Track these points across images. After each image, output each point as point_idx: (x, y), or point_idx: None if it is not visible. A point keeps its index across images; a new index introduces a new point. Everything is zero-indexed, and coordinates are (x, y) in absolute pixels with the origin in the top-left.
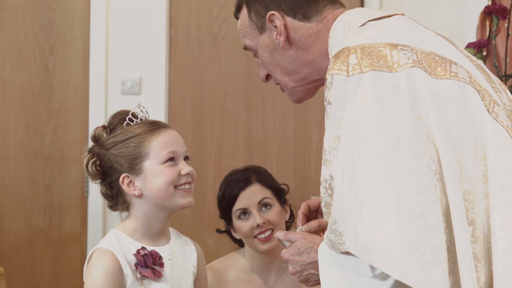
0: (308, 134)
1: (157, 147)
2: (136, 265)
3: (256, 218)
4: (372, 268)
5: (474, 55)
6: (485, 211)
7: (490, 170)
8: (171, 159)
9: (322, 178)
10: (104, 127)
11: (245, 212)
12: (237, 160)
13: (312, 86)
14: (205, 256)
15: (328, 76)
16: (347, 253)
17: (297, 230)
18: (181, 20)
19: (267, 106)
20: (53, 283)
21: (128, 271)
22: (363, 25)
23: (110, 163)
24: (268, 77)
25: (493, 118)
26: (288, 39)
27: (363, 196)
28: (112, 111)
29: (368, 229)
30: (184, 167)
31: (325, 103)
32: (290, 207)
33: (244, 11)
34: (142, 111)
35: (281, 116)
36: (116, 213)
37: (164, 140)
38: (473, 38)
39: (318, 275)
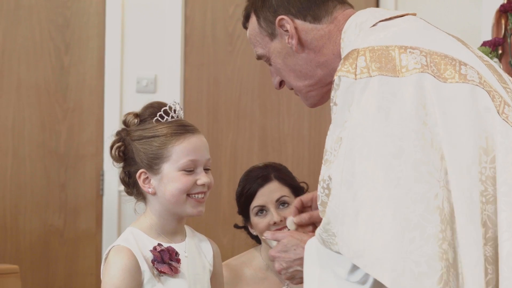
0: (323, 133)
1: (179, 153)
2: (153, 261)
3: (273, 215)
4: (350, 273)
5: (490, 53)
6: (494, 214)
7: (498, 171)
8: (190, 167)
9: (320, 177)
10: (136, 115)
11: (262, 209)
12: (252, 159)
13: (326, 90)
14: (220, 255)
15: (336, 77)
16: (334, 253)
17: (288, 221)
18: (196, 19)
19: (282, 104)
20: (68, 281)
21: (145, 268)
22: (374, 25)
23: (133, 154)
24: (281, 83)
25: (503, 119)
26: (300, 42)
27: (360, 201)
28: (127, 109)
29: (363, 235)
30: (202, 177)
31: (331, 104)
32: None
33: (253, 20)
34: (176, 108)
35: (296, 115)
36: (131, 212)
37: (188, 147)
38: (488, 37)
39: (301, 271)
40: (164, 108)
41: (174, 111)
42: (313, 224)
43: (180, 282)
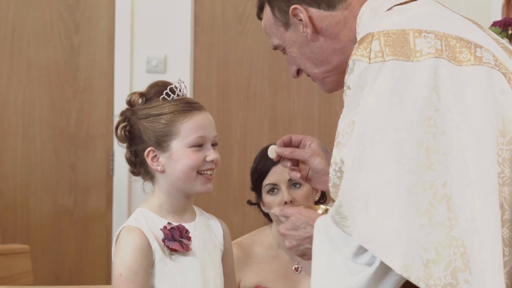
0: (334, 113)
1: (187, 129)
2: (164, 239)
3: (284, 195)
4: (355, 256)
5: (500, 33)
6: (510, 195)
7: None
8: (199, 143)
9: (332, 160)
10: (141, 94)
11: (274, 187)
12: (262, 139)
13: (343, 75)
14: (231, 235)
15: (350, 61)
16: (343, 234)
17: (269, 149)
18: None
19: (292, 84)
20: (78, 261)
21: (156, 247)
22: (389, 9)
23: (139, 133)
24: (299, 72)
25: None
26: (315, 30)
27: (371, 186)
28: (137, 89)
29: (373, 219)
30: (210, 154)
31: (344, 87)
32: None
33: (267, 10)
34: (181, 87)
35: (307, 95)
36: (141, 192)
37: (196, 124)
38: (498, 17)
39: (311, 249)
40: (170, 86)
41: (180, 89)
42: (294, 160)
43: (192, 260)
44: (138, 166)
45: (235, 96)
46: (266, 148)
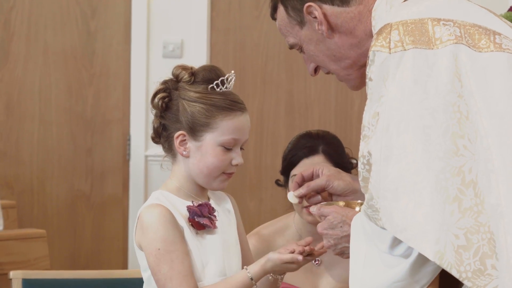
0: (350, 98)
1: (225, 128)
2: (192, 217)
3: None
4: (391, 248)
5: None
6: None
7: None
8: (231, 145)
9: (360, 153)
10: (191, 73)
11: None
12: (279, 125)
13: (363, 70)
14: (246, 220)
15: (370, 53)
16: (377, 228)
17: (289, 196)
18: None
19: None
20: (95, 246)
21: (183, 223)
22: (405, 0)
23: (177, 110)
24: (316, 70)
25: None
26: (330, 27)
27: (400, 175)
28: (153, 74)
29: (404, 209)
30: (237, 157)
31: (366, 80)
32: None
33: (281, 10)
34: (231, 80)
35: (323, 80)
36: (158, 177)
37: (235, 125)
38: None
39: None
40: (222, 78)
41: (229, 82)
42: (315, 192)
43: (216, 238)
44: (163, 139)
45: (251, 81)
46: (301, 137)
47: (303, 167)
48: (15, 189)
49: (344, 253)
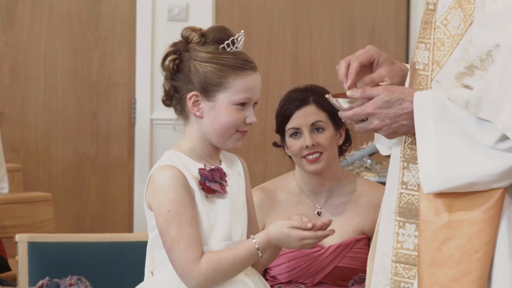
0: None
1: (238, 87)
2: (202, 181)
3: (306, 139)
4: (499, 141)
5: None
6: None
7: None
8: (244, 103)
9: (478, 41)
10: (201, 34)
11: (297, 131)
12: (284, 88)
13: None
14: (252, 183)
15: None
16: (476, 118)
17: (348, 93)
18: None
19: (314, 33)
20: (100, 209)
21: (194, 186)
22: None
23: (188, 72)
24: None
25: None
26: None
27: None
28: (158, 38)
29: None
30: (251, 116)
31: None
32: (348, 131)
33: None
34: (241, 40)
35: (328, 43)
36: (163, 141)
37: (248, 84)
38: None
39: (409, 126)
40: (232, 38)
41: (240, 42)
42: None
43: (225, 203)
44: (175, 101)
45: (256, 44)
46: (291, 92)
47: (296, 120)
48: (20, 152)
49: (396, 133)
